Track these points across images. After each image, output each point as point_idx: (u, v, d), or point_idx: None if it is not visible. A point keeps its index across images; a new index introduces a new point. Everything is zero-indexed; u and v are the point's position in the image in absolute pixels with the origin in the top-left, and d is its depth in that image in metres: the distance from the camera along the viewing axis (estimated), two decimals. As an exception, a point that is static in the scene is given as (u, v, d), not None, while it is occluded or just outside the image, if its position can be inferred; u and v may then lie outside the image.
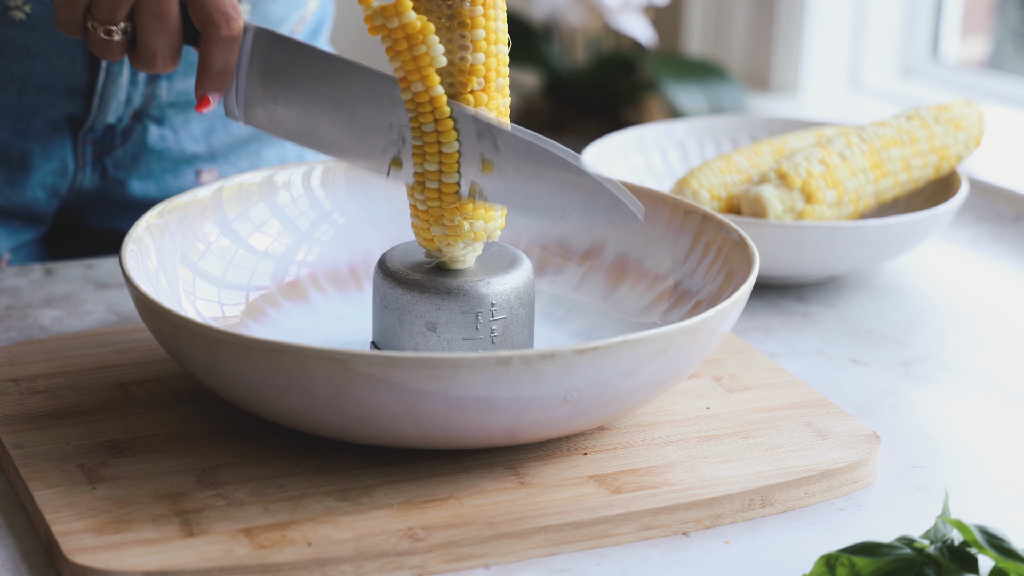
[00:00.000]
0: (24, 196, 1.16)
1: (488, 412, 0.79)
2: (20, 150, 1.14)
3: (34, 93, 1.12)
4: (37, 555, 0.79)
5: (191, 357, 0.83)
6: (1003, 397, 0.99)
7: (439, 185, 0.86)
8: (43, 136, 1.14)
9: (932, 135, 1.18)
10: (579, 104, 2.71)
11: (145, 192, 1.19)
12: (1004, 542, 0.73)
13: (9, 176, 1.15)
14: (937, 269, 1.22)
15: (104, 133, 1.16)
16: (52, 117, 1.13)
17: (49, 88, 1.12)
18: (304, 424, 0.82)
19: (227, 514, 0.79)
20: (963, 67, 2.43)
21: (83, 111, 1.13)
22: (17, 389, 0.92)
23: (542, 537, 0.79)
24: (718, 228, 0.96)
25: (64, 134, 1.15)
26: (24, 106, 1.12)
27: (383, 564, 0.77)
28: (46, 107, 1.13)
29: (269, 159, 1.24)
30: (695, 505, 0.82)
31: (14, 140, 1.14)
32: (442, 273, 0.89)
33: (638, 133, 1.28)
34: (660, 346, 0.81)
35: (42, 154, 1.15)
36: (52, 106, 1.13)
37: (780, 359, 1.03)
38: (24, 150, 1.14)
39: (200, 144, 1.20)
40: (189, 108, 1.18)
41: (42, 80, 1.11)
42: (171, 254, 0.95)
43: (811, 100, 2.46)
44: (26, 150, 1.14)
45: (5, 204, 1.16)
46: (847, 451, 0.87)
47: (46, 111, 1.13)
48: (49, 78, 1.11)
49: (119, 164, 1.18)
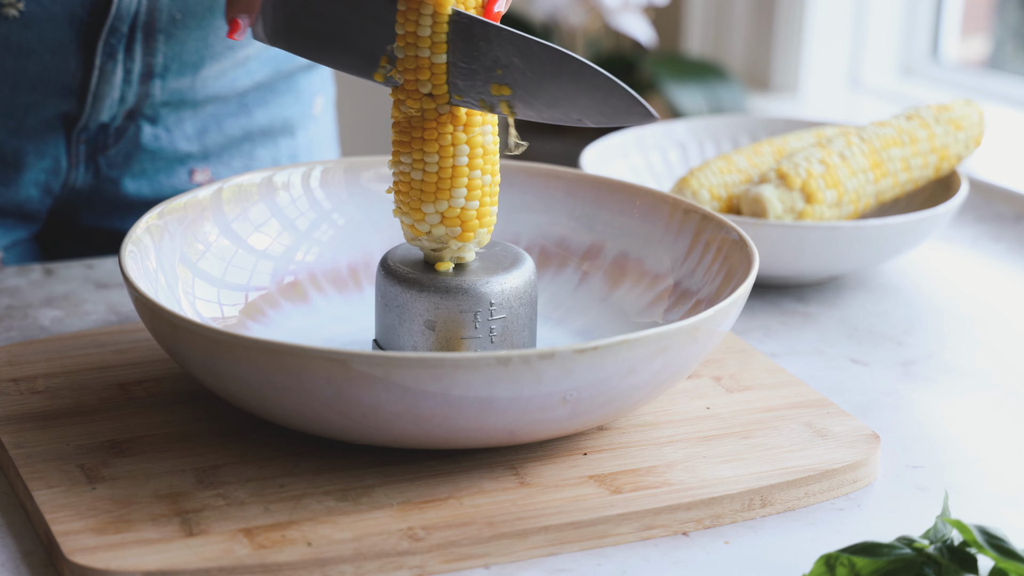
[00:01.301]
0: (17, 194, 1.16)
1: (488, 412, 0.79)
2: (13, 149, 1.14)
3: (27, 91, 1.12)
4: (37, 555, 0.79)
5: (190, 357, 0.83)
6: (1003, 397, 0.99)
7: (431, 93, 0.86)
8: (36, 135, 1.14)
9: (932, 135, 1.18)
10: (579, 104, 2.70)
11: (138, 191, 1.19)
12: (1004, 542, 0.73)
13: (2, 174, 1.15)
14: (937, 269, 1.22)
15: (97, 132, 1.16)
16: (45, 115, 1.13)
17: (43, 86, 1.11)
18: (304, 424, 0.82)
19: (227, 514, 0.79)
20: (963, 67, 2.43)
21: (77, 109, 1.13)
22: (17, 389, 0.92)
23: (542, 537, 0.79)
24: (718, 228, 0.96)
25: (57, 133, 1.15)
26: (17, 104, 1.12)
27: (383, 564, 0.77)
28: (39, 105, 1.13)
29: (262, 158, 1.24)
30: (695, 505, 0.82)
31: (7, 139, 1.14)
32: (443, 272, 0.89)
33: (638, 133, 1.28)
34: (660, 346, 0.81)
35: (35, 152, 1.15)
36: (45, 104, 1.13)
37: (780, 359, 1.03)
38: (17, 148, 1.14)
39: (193, 143, 1.20)
40: (183, 107, 1.18)
41: (36, 78, 1.11)
42: (170, 254, 0.95)
43: (811, 100, 2.46)
44: (19, 149, 1.14)
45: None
46: (847, 451, 0.87)
47: (39, 109, 1.13)
48: (43, 76, 1.11)
49: (112, 163, 1.18)
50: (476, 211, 0.88)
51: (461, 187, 0.87)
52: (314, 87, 1.28)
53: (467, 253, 0.90)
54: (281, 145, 1.26)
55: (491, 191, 0.89)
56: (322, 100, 1.30)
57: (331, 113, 1.33)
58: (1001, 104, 2.18)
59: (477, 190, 0.88)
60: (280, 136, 1.25)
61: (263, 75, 1.22)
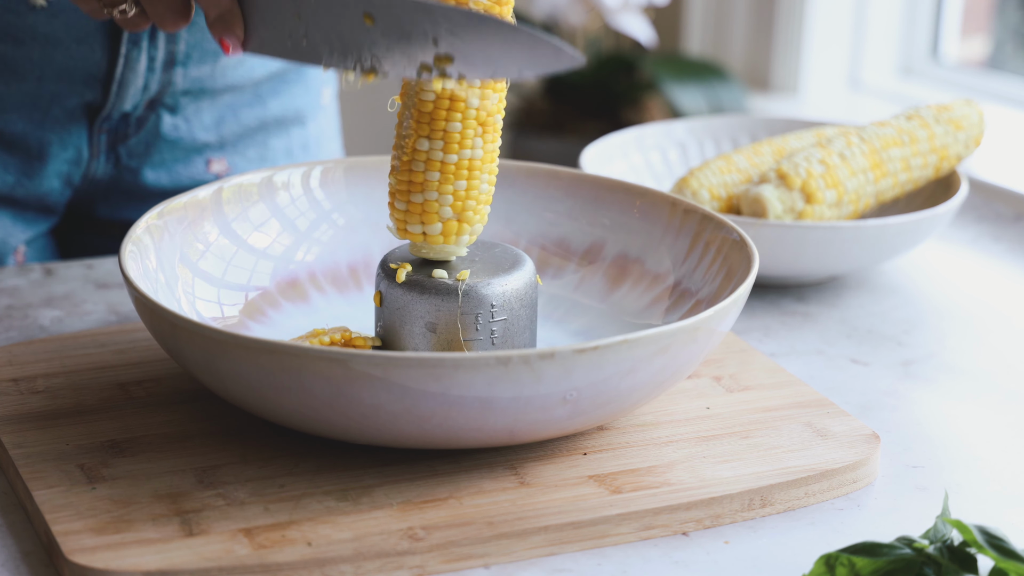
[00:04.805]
0: (41, 186, 1.17)
1: (488, 412, 0.79)
2: (38, 140, 1.16)
3: (53, 81, 1.13)
4: (37, 555, 0.79)
5: (191, 357, 0.83)
6: (1003, 397, 0.99)
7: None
8: (60, 125, 1.15)
9: (932, 135, 1.18)
10: (579, 104, 2.71)
11: (157, 181, 1.21)
12: (1004, 542, 0.73)
13: (27, 166, 1.16)
14: (937, 269, 1.22)
15: (119, 122, 1.17)
16: (70, 105, 1.15)
17: (68, 76, 1.13)
18: (304, 424, 0.82)
19: (227, 514, 0.79)
20: (963, 67, 2.43)
21: (101, 99, 1.15)
22: (17, 389, 0.92)
23: (542, 537, 0.79)
24: (718, 228, 0.96)
25: (80, 123, 1.16)
26: (43, 94, 1.14)
27: (383, 564, 0.77)
28: (65, 95, 1.14)
29: (275, 148, 1.26)
30: (695, 505, 0.82)
31: (32, 130, 1.15)
32: (443, 274, 0.89)
33: (638, 133, 1.28)
34: (659, 346, 0.81)
35: (59, 143, 1.16)
36: (71, 94, 1.14)
37: (780, 359, 1.03)
38: (41, 140, 1.16)
39: (211, 133, 1.22)
40: (202, 97, 1.20)
41: (61, 68, 1.12)
42: (170, 254, 0.95)
43: (811, 100, 2.46)
44: (43, 140, 1.16)
45: (23, 195, 1.17)
46: (847, 451, 0.87)
47: (64, 99, 1.14)
48: (68, 66, 1.12)
49: (132, 153, 1.19)
50: (458, 215, 0.89)
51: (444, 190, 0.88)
52: (322, 77, 1.30)
53: (452, 252, 0.90)
54: (293, 135, 1.27)
55: (475, 196, 0.89)
56: (329, 91, 1.32)
57: (336, 105, 1.35)
58: (1001, 104, 2.18)
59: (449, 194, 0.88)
60: (292, 126, 1.27)
61: (277, 65, 1.24)
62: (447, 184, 0.88)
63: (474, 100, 0.87)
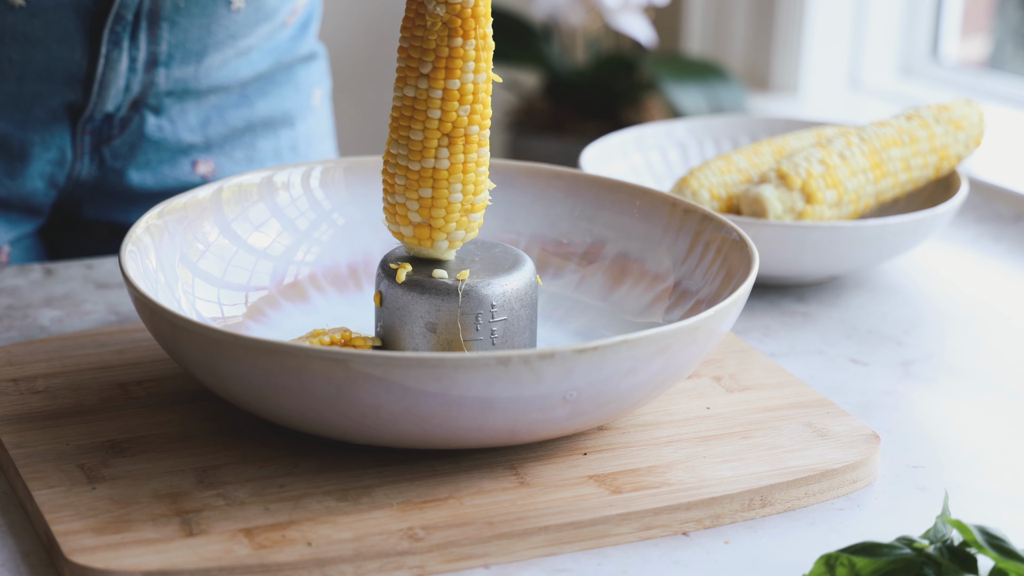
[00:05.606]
0: (23, 187, 1.17)
1: (488, 412, 0.79)
2: (20, 140, 1.15)
3: (34, 81, 1.12)
4: (37, 555, 0.79)
5: (191, 357, 0.83)
6: (1003, 397, 0.99)
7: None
8: (42, 126, 1.15)
9: (932, 135, 1.18)
10: (579, 104, 2.71)
11: (142, 182, 1.20)
12: (1004, 542, 0.73)
13: (9, 167, 1.16)
14: (937, 269, 1.22)
15: (102, 122, 1.17)
16: (51, 106, 1.14)
17: (49, 76, 1.12)
18: (304, 424, 0.82)
19: (227, 514, 0.79)
20: (963, 67, 2.43)
21: (82, 99, 1.14)
22: (17, 389, 0.92)
23: (542, 537, 0.79)
24: (718, 228, 0.96)
25: (63, 123, 1.16)
26: (24, 95, 1.13)
27: (383, 564, 0.77)
28: (46, 95, 1.13)
29: (263, 149, 1.25)
30: (695, 505, 0.82)
31: (14, 130, 1.15)
32: (443, 274, 0.89)
33: (638, 133, 1.28)
34: (660, 346, 0.81)
35: (41, 144, 1.16)
36: (52, 94, 1.13)
37: (780, 359, 1.03)
38: (23, 140, 1.15)
39: (196, 134, 1.21)
40: (187, 97, 1.19)
41: (42, 68, 1.12)
42: (170, 254, 0.95)
43: (811, 100, 2.46)
44: (25, 140, 1.15)
45: (5, 195, 1.17)
46: (847, 451, 0.87)
47: (46, 100, 1.14)
48: (49, 66, 1.12)
49: (117, 154, 1.19)
50: (442, 218, 0.89)
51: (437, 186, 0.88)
52: (312, 79, 1.29)
53: (434, 255, 0.90)
54: (282, 136, 1.27)
55: (443, 205, 0.89)
56: (320, 92, 1.31)
57: (328, 105, 1.34)
58: (1001, 104, 2.18)
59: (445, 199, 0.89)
60: (281, 127, 1.27)
61: (264, 66, 1.23)
62: (412, 191, 0.88)
63: (434, 112, 0.87)
